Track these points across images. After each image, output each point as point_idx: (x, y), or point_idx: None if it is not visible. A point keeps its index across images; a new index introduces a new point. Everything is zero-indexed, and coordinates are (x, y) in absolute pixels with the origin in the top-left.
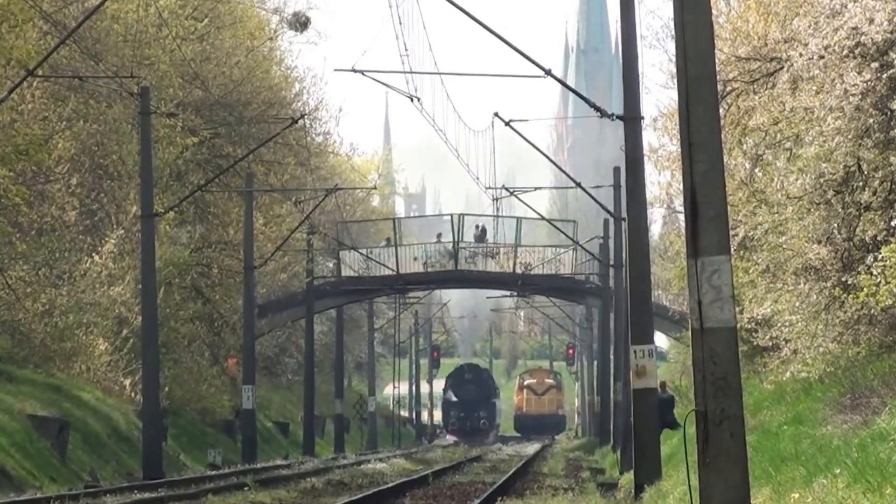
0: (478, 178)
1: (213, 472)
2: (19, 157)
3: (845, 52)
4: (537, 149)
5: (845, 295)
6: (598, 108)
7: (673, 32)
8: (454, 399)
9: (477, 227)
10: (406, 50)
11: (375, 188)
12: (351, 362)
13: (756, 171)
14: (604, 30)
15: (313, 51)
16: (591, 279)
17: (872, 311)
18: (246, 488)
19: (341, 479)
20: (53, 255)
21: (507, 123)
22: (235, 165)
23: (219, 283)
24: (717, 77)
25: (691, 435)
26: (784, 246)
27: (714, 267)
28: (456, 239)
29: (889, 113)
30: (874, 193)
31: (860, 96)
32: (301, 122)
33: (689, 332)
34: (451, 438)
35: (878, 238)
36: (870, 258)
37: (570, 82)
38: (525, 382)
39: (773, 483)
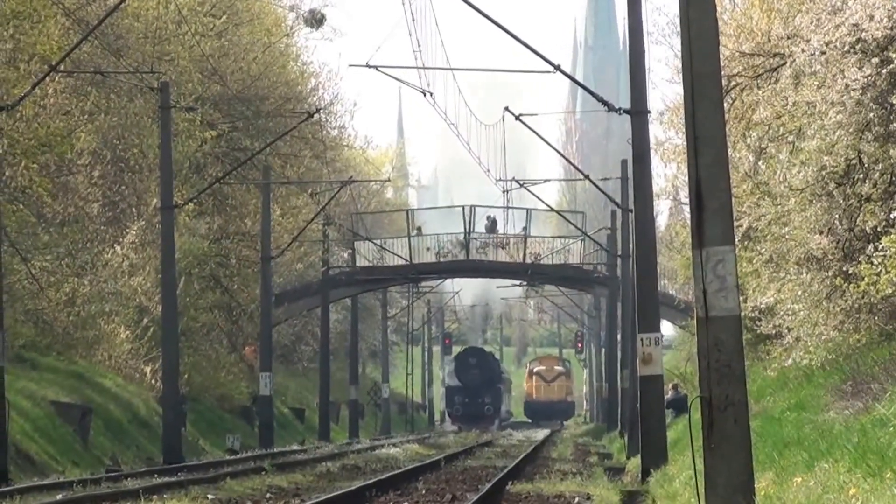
0: (488, 171)
1: (232, 457)
2: (42, 150)
3: (846, 47)
4: (546, 142)
5: (846, 284)
6: (605, 103)
7: (679, 29)
8: (458, 384)
9: (488, 218)
10: (419, 46)
11: (389, 180)
12: (365, 350)
13: (759, 163)
14: (611, 26)
15: (328, 47)
16: (599, 269)
17: (873, 299)
18: (263, 472)
19: (356, 464)
20: (76, 245)
21: (517, 118)
22: (253, 158)
23: (237, 272)
24: (722, 72)
25: (696, 420)
26: (787, 236)
27: (719, 257)
28: (467, 229)
29: (889, 107)
30: (874, 185)
31: (861, 91)
32: (317, 116)
33: (695, 321)
34: (453, 426)
35: (879, 229)
36: (870, 248)
37: (579, 77)
38: (534, 369)
39: (776, 467)
